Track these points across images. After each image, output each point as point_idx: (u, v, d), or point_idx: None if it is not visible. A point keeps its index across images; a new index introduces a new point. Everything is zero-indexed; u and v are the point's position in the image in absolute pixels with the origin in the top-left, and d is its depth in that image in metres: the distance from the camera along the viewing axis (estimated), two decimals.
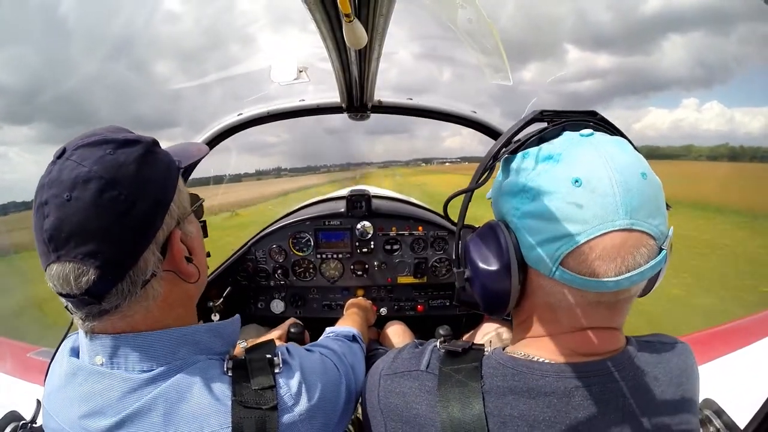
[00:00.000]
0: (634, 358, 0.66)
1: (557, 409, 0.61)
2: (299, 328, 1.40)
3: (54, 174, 0.60)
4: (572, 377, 0.63)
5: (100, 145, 0.62)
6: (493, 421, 0.62)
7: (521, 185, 0.64)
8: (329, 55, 0.97)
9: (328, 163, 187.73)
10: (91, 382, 0.65)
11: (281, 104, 1.60)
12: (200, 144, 0.81)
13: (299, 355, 0.77)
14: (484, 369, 0.67)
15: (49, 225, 0.58)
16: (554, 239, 0.59)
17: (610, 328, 0.65)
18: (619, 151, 0.61)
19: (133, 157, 0.63)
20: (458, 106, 1.64)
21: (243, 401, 0.64)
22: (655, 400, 0.64)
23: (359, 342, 1.07)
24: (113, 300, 0.62)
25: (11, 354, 2.02)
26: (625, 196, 0.57)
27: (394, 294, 1.83)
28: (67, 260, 0.59)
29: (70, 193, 0.58)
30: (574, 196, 0.58)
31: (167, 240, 0.67)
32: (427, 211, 1.97)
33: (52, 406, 0.70)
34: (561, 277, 0.60)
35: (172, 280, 0.69)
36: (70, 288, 0.59)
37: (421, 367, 0.73)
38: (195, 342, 0.69)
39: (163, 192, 0.66)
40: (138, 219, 0.62)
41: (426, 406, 0.68)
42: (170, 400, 0.62)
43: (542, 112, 0.68)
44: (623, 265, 0.57)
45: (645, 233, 0.58)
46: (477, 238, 0.71)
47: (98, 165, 0.60)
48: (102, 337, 0.65)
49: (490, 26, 0.85)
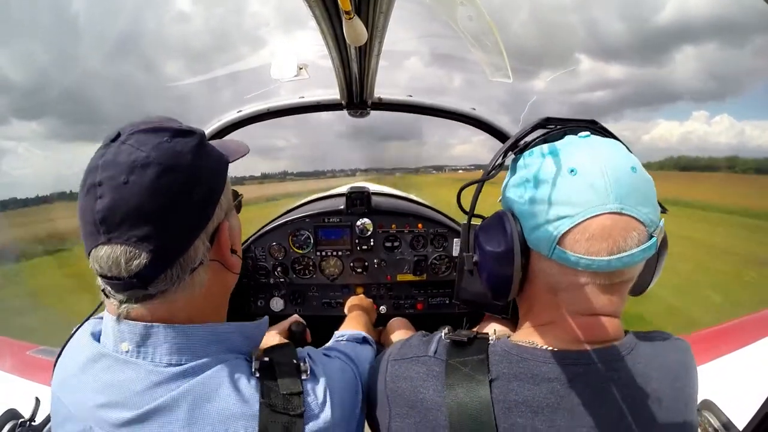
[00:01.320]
0: (633, 348, 0.69)
1: (560, 395, 0.65)
2: (300, 326, 1.40)
3: (109, 156, 0.60)
4: (574, 364, 0.66)
5: (156, 132, 0.62)
6: (498, 407, 0.65)
7: (525, 176, 0.70)
8: (329, 52, 0.96)
9: (335, 168, 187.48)
10: (114, 371, 0.64)
11: (281, 101, 1.60)
12: (239, 141, 0.81)
13: (322, 362, 0.77)
14: (490, 359, 0.70)
15: (103, 206, 0.58)
16: (552, 221, 0.65)
17: (608, 315, 0.68)
18: (611, 149, 0.68)
19: (189, 146, 0.63)
20: (458, 104, 1.64)
21: (271, 404, 0.64)
22: (653, 392, 0.67)
23: (370, 344, 1.08)
24: (160, 285, 0.62)
25: (11, 352, 2.03)
26: (615, 184, 0.63)
27: (394, 292, 1.83)
28: (119, 242, 0.58)
29: (127, 177, 0.58)
30: (570, 183, 0.65)
31: (216, 230, 0.67)
32: (426, 209, 1.97)
33: (64, 391, 0.68)
34: (558, 256, 0.65)
35: (216, 270, 0.69)
36: (119, 270, 0.59)
37: (429, 352, 0.76)
38: (226, 340, 0.69)
39: (215, 183, 0.67)
40: (192, 207, 0.62)
41: (433, 391, 0.70)
42: (197, 397, 0.62)
43: (548, 119, 0.75)
44: (614, 245, 0.62)
45: (634, 218, 0.63)
46: (485, 225, 0.77)
47: (156, 151, 0.60)
48: (133, 324, 0.64)
49: (490, 24, 0.85)
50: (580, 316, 0.68)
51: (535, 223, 0.67)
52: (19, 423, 0.90)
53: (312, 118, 12.37)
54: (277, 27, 14.20)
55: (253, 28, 47.80)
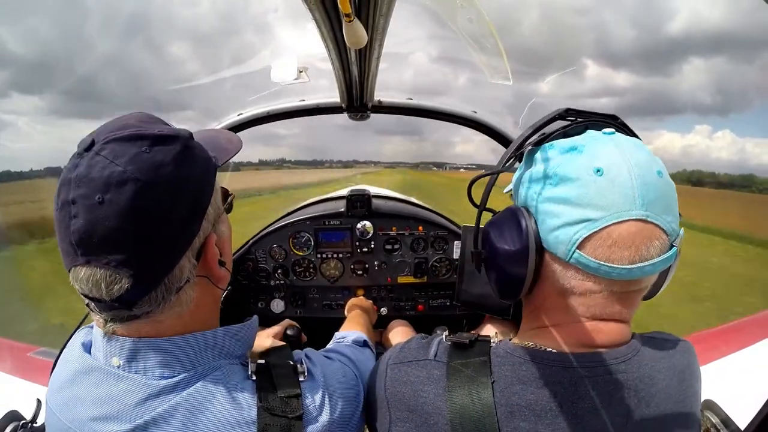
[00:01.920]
0: (638, 352, 0.67)
1: (563, 399, 0.63)
2: (295, 330, 1.39)
3: (82, 170, 0.54)
4: (578, 367, 0.65)
5: (134, 140, 0.56)
6: (501, 410, 0.63)
7: (545, 172, 0.66)
8: (329, 55, 0.97)
9: (333, 159, 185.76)
10: (107, 385, 0.62)
11: (281, 104, 1.60)
12: (230, 134, 0.74)
13: (321, 363, 0.75)
14: (492, 360, 0.68)
15: (78, 227, 0.54)
16: (574, 223, 0.61)
17: (618, 320, 0.66)
18: (637, 149, 0.64)
19: (171, 155, 0.58)
20: (459, 106, 1.64)
21: (269, 408, 0.63)
22: (658, 394, 0.66)
23: (370, 347, 1.07)
24: (144, 307, 0.59)
25: (11, 354, 2.03)
26: (642, 189, 0.59)
27: (395, 294, 1.83)
28: (98, 266, 0.54)
29: (102, 195, 0.53)
30: (596, 184, 0.61)
31: (202, 246, 0.63)
32: (427, 211, 1.97)
33: (57, 402, 0.67)
34: (577, 260, 0.62)
35: (203, 285, 0.66)
36: (99, 293, 0.56)
37: (429, 356, 0.74)
38: (217, 346, 0.66)
39: (201, 194, 0.62)
40: (176, 225, 0.58)
41: (433, 395, 0.68)
42: (191, 408, 0.60)
43: (567, 110, 0.71)
44: (637, 254, 0.60)
45: (658, 227, 0.61)
46: (497, 221, 0.72)
47: (133, 164, 0.54)
48: (121, 339, 0.62)
49: (490, 26, 0.85)
50: (590, 320, 0.66)
51: (554, 223, 0.63)
52: (21, 424, 0.90)
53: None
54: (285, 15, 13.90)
55: (261, 14, 46.58)
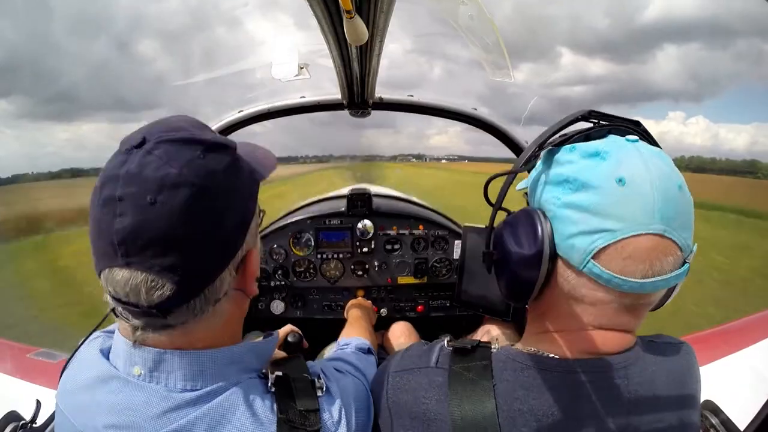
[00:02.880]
0: (639, 357, 0.67)
1: (564, 404, 0.63)
2: (296, 337, 1.39)
3: (133, 168, 0.53)
4: (579, 373, 0.64)
5: (188, 144, 0.56)
6: (502, 416, 0.63)
7: (565, 176, 0.65)
8: (330, 52, 0.96)
9: (309, 154, 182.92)
10: (126, 394, 0.60)
11: (282, 101, 1.60)
12: (266, 150, 0.73)
13: (336, 378, 0.75)
14: (494, 365, 0.68)
15: (124, 226, 0.52)
16: (591, 232, 0.60)
17: (624, 331, 0.66)
18: (661, 161, 0.63)
19: (223, 164, 0.57)
20: (459, 103, 1.64)
21: (289, 420, 0.62)
22: (659, 399, 0.66)
23: (373, 354, 1.07)
24: (181, 317, 0.58)
25: (11, 354, 2.02)
26: (663, 203, 0.59)
27: (395, 294, 1.83)
28: (140, 269, 0.53)
29: (155, 196, 0.52)
30: (617, 194, 0.60)
31: (243, 259, 0.63)
32: (427, 211, 1.97)
33: (70, 405, 0.66)
34: (590, 270, 0.61)
35: (238, 299, 0.66)
36: (138, 298, 0.54)
37: (430, 363, 0.74)
38: (241, 361, 0.66)
39: (247, 207, 0.62)
40: (224, 234, 0.57)
41: (435, 402, 0.68)
42: (214, 421, 0.59)
43: (590, 112, 0.70)
44: (651, 269, 0.59)
45: (674, 243, 0.60)
46: (512, 222, 0.71)
47: (189, 169, 0.54)
48: (147, 349, 0.60)
49: (491, 22, 0.85)
50: (596, 329, 0.66)
51: (570, 230, 0.62)
52: (20, 425, 0.90)
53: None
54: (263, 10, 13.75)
55: (230, 9, 46.80)
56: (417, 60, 27.41)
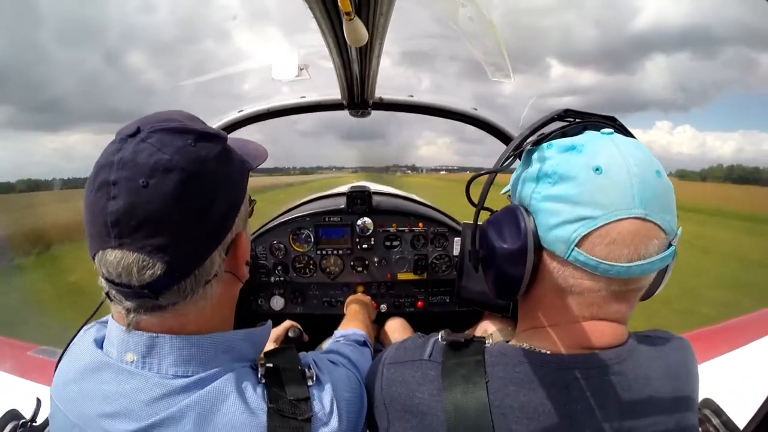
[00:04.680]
0: (633, 352, 0.67)
1: (556, 400, 0.63)
2: (297, 332, 1.39)
3: (127, 155, 0.56)
4: (572, 369, 0.65)
5: (180, 133, 0.59)
6: (494, 412, 0.63)
7: (543, 171, 0.66)
8: (330, 53, 0.96)
9: (296, 165, 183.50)
10: (118, 381, 0.61)
11: (282, 101, 1.60)
12: (257, 144, 0.77)
13: (328, 369, 0.76)
14: (487, 360, 0.68)
15: (117, 208, 0.54)
16: (573, 221, 0.62)
17: (615, 321, 0.66)
18: (636, 149, 0.65)
19: (214, 152, 0.61)
20: (459, 104, 1.64)
21: (279, 410, 0.63)
22: (653, 394, 0.66)
23: (368, 346, 1.08)
24: (172, 297, 0.60)
25: (12, 353, 2.03)
26: (641, 188, 0.60)
27: (394, 291, 1.83)
28: (132, 249, 0.55)
29: (147, 180, 0.54)
30: (594, 183, 0.61)
31: (233, 241, 0.65)
32: (427, 208, 1.97)
33: (64, 397, 0.66)
34: (575, 258, 0.62)
35: (228, 281, 0.68)
36: (130, 279, 0.56)
37: (424, 356, 0.74)
38: (233, 349, 0.67)
39: (237, 193, 0.65)
40: (214, 218, 0.60)
41: (428, 395, 0.69)
42: (205, 409, 0.60)
43: (566, 110, 0.72)
44: (635, 252, 0.60)
45: (657, 225, 0.61)
46: (495, 219, 0.72)
47: (180, 155, 0.57)
48: (140, 334, 0.62)
49: (491, 25, 0.85)
50: (587, 320, 0.66)
51: (552, 221, 0.64)
52: (20, 424, 0.90)
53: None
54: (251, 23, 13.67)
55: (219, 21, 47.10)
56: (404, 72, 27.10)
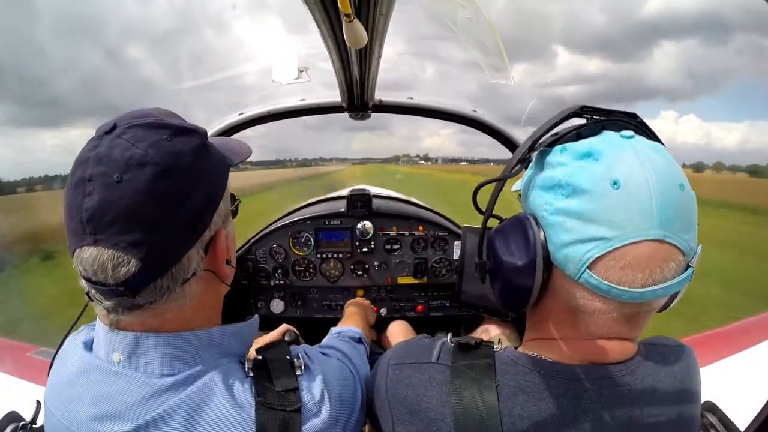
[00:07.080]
0: (641, 362, 0.66)
1: (566, 411, 0.62)
2: (293, 336, 1.39)
3: (103, 150, 0.55)
4: (582, 380, 0.63)
5: (155, 128, 0.58)
6: (504, 420, 0.62)
7: (557, 180, 0.61)
8: (330, 55, 0.97)
9: (299, 157, 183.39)
10: (107, 383, 0.61)
11: (282, 104, 1.60)
12: (242, 142, 0.76)
13: (319, 360, 0.75)
14: (497, 365, 0.67)
15: (92, 204, 0.54)
16: (585, 241, 0.57)
17: (626, 339, 0.65)
18: (659, 158, 0.59)
19: (190, 147, 0.59)
20: (459, 105, 1.64)
21: (267, 402, 0.63)
22: (659, 403, 0.65)
23: (364, 344, 1.07)
24: (149, 296, 0.59)
25: (11, 354, 2.03)
26: (662, 206, 0.55)
27: (394, 294, 1.83)
28: (107, 246, 0.54)
29: (121, 175, 0.54)
30: (611, 199, 0.56)
31: (212, 239, 0.64)
32: (427, 211, 1.97)
33: (56, 402, 0.66)
34: (586, 281, 0.58)
35: (209, 281, 0.66)
36: (105, 276, 0.55)
37: (432, 359, 0.72)
38: (218, 344, 0.67)
39: (215, 188, 0.64)
40: (190, 213, 0.59)
41: (437, 400, 0.67)
42: (193, 406, 0.60)
43: (582, 107, 0.66)
44: (651, 277, 0.56)
45: (676, 247, 0.57)
46: (503, 230, 0.68)
47: (154, 149, 0.56)
48: (124, 333, 0.61)
49: (490, 25, 0.85)
50: (597, 339, 0.64)
51: (564, 239, 0.59)
52: (20, 425, 0.89)
53: None
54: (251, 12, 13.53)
55: (218, 12, 47.97)
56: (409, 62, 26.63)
